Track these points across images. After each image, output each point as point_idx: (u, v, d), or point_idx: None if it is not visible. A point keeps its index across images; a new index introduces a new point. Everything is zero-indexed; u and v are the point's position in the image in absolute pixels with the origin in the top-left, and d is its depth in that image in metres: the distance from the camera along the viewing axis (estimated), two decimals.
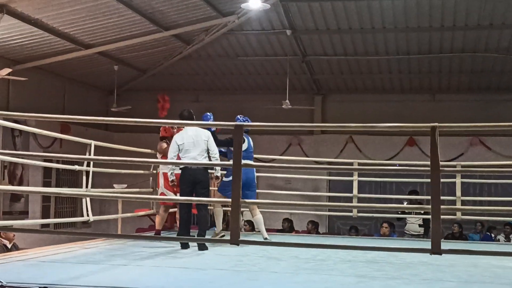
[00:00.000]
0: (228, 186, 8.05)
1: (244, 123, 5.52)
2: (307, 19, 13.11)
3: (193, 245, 7.21)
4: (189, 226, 7.37)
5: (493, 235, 12.52)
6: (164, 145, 8.55)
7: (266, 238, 8.23)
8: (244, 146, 8.06)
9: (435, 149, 4.71)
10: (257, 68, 15.53)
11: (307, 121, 15.64)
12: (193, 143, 7.29)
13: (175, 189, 7.69)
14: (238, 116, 8.38)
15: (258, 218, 8.31)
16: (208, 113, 8.22)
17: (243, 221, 11.89)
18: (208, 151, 7.32)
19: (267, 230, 8.57)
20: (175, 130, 8.16)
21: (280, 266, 5.96)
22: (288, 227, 12.98)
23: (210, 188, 7.88)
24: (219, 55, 15.01)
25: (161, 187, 8.31)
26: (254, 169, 8.30)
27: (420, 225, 11.32)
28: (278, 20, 13.24)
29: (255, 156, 9.90)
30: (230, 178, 7.94)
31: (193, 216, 7.82)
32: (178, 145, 7.33)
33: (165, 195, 8.17)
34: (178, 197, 7.47)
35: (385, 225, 11.28)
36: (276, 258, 6.51)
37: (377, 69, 15.08)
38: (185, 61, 15.27)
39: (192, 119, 7.49)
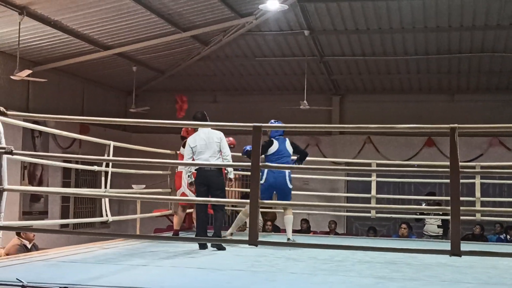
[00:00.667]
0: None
1: (262, 124, 5.46)
2: (325, 19, 13.09)
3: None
4: (206, 226, 7.38)
5: (509, 237, 12.40)
6: None
7: (288, 239, 8.10)
8: (272, 149, 8.01)
9: (454, 150, 4.66)
10: (274, 68, 15.53)
11: (325, 122, 15.61)
12: (205, 145, 7.27)
13: (192, 189, 7.69)
14: (272, 120, 8.31)
15: (288, 218, 8.13)
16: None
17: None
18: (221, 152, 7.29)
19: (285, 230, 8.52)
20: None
21: (298, 267, 5.96)
22: (306, 227, 12.98)
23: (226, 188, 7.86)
24: (237, 56, 15.03)
25: (183, 187, 8.21)
26: (286, 172, 8.07)
27: (438, 226, 11.24)
28: (296, 20, 13.23)
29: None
30: (262, 181, 7.74)
31: (210, 216, 7.81)
32: (191, 148, 7.33)
33: (186, 195, 8.09)
34: (196, 197, 7.47)
35: (403, 226, 11.23)
36: (293, 259, 6.50)
37: (395, 70, 15.01)
38: (203, 62, 15.32)
39: (206, 121, 7.49)
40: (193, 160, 7.30)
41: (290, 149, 8.20)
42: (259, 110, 15.54)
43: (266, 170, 7.82)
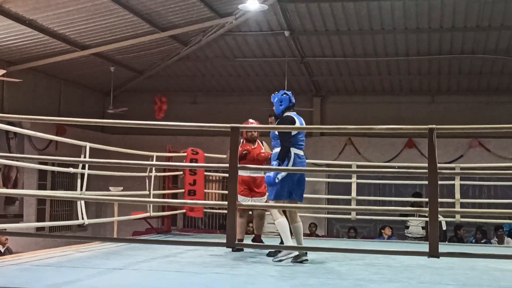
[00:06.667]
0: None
1: (240, 125, 5.34)
2: (305, 20, 13.05)
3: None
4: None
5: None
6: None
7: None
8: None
9: (432, 151, 4.66)
10: (255, 69, 15.47)
11: (305, 123, 15.51)
12: None
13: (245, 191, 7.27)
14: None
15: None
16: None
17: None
18: None
19: (268, 233, 8.40)
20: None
21: (277, 269, 5.89)
22: None
23: None
24: (216, 56, 14.96)
25: None
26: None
27: (423, 228, 11.27)
28: (276, 21, 13.19)
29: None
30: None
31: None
32: None
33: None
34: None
35: (388, 228, 11.38)
36: (273, 262, 6.43)
37: (376, 71, 15.03)
38: (183, 62, 15.22)
39: None
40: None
41: None
42: (239, 111, 15.46)
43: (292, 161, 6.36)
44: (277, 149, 6.42)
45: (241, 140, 7.59)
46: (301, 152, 6.47)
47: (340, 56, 14.41)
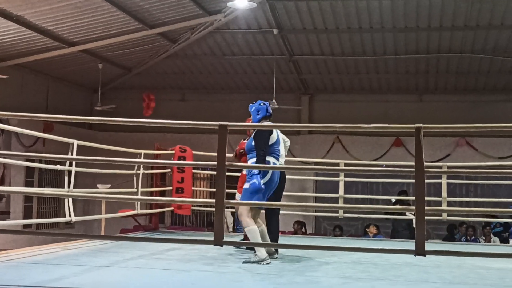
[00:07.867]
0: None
1: (229, 123, 5.31)
2: (294, 18, 13.06)
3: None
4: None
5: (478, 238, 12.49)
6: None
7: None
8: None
9: (419, 149, 4.68)
10: (243, 67, 15.46)
11: (294, 121, 15.59)
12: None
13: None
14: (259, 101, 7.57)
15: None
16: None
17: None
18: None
19: None
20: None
21: (264, 267, 5.90)
22: None
23: None
24: (205, 54, 14.93)
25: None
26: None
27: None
28: (264, 19, 13.18)
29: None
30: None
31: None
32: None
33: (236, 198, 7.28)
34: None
35: (372, 226, 11.36)
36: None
37: (364, 69, 15.06)
38: (171, 59, 15.18)
39: None
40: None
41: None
42: (228, 109, 15.49)
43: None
44: (252, 161, 6.39)
45: (242, 139, 7.60)
46: (277, 162, 6.51)
47: (328, 55, 14.43)
